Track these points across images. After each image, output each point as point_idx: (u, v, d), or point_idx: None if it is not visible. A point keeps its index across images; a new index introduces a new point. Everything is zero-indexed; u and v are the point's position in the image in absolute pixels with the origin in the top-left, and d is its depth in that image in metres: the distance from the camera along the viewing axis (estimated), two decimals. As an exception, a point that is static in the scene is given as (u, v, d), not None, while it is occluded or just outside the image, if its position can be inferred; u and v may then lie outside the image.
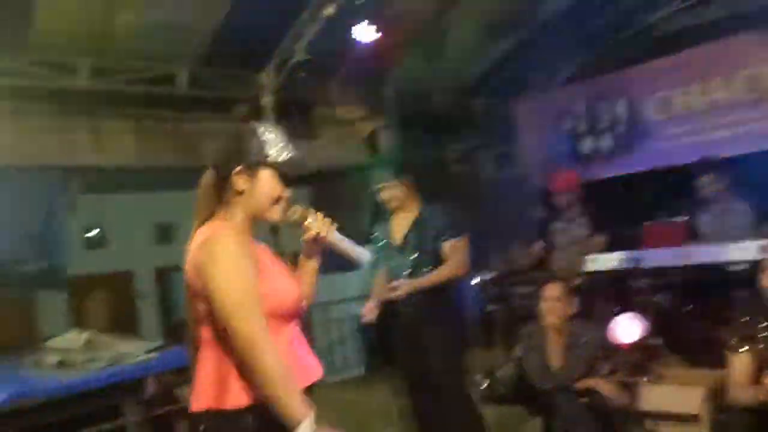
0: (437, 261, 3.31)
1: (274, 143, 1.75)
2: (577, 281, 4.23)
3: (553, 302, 3.39)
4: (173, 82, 5.11)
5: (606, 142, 6.33)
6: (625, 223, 5.04)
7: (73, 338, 4.06)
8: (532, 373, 3.42)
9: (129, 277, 6.26)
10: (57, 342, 4.07)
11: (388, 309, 3.41)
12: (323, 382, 1.83)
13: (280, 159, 1.73)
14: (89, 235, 6.01)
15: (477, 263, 4.24)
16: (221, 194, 1.75)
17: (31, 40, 4.51)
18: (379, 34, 4.93)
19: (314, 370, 1.80)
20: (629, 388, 3.38)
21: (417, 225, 3.38)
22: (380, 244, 3.52)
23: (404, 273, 3.33)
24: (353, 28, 4.90)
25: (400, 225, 3.44)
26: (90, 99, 4.95)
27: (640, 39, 6.18)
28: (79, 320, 5.71)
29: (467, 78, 6.93)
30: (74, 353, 3.90)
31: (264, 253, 1.80)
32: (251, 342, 1.56)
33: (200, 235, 1.69)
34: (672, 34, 6.00)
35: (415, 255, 3.33)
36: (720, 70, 5.49)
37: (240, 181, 1.71)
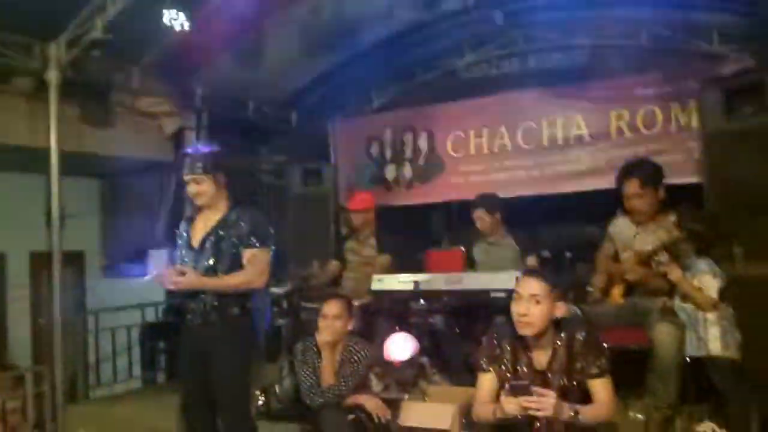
0: (235, 267, 3.09)
1: None
2: (365, 300, 4.37)
3: (331, 320, 3.44)
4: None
5: (407, 170, 6.65)
6: (414, 248, 5.39)
7: None
8: (303, 389, 3.43)
9: None
10: None
11: (175, 314, 3.13)
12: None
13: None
14: None
15: (276, 276, 4.17)
16: None
17: None
18: (191, 27, 4.59)
19: None
20: (394, 404, 3.48)
21: (220, 227, 3.14)
22: (181, 242, 3.25)
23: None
24: (164, 12, 4.52)
25: (203, 225, 3.19)
26: None
27: (446, 80, 6.65)
28: None
29: (284, 91, 6.85)
30: None
31: None
32: None
33: None
34: (474, 80, 6.53)
35: (212, 259, 3.09)
36: (507, 119, 6.03)
37: None
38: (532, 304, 2.43)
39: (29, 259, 6.38)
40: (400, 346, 3.84)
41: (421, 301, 4.06)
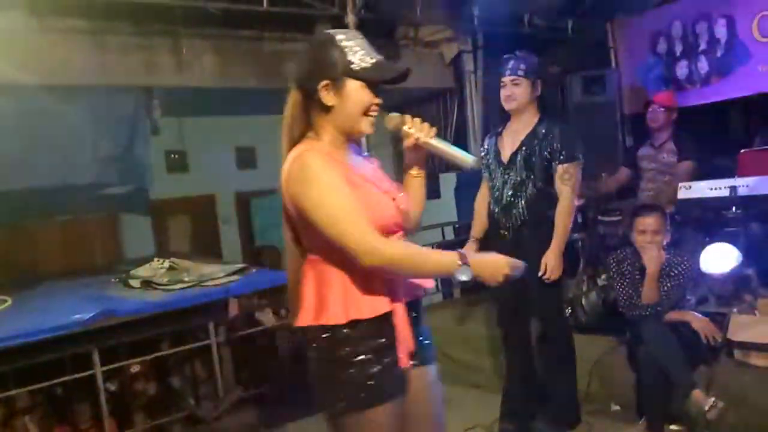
0: (547, 182, 3.08)
1: (357, 50, 1.64)
2: (669, 209, 4.00)
3: (651, 235, 3.23)
4: (255, -1, 4.91)
5: (702, 65, 5.86)
6: (718, 151, 4.76)
7: (156, 266, 4.12)
8: (620, 301, 3.31)
9: (210, 201, 6.30)
10: (141, 270, 4.15)
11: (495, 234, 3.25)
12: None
13: (364, 66, 1.62)
14: (171, 158, 6.05)
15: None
16: (309, 113, 1.68)
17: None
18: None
19: (421, 283, 1.77)
20: (719, 320, 3.25)
21: (529, 140, 3.11)
22: (489, 158, 3.29)
23: (508, 193, 3.14)
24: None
25: (511, 139, 3.18)
26: (170, 17, 4.84)
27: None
28: (162, 243, 5.85)
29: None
30: (158, 276, 3.96)
31: (361, 168, 1.73)
32: (364, 251, 1.55)
33: (290, 157, 1.68)
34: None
35: (523, 173, 3.10)
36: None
37: (327, 97, 1.64)
38: None
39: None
40: (718, 258, 3.57)
41: (733, 208, 3.70)
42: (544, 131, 3.09)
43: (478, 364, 4.18)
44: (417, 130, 1.78)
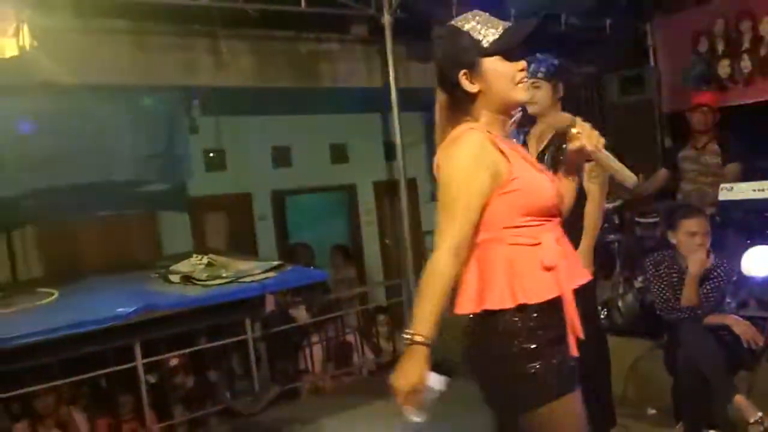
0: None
1: (481, 28, 1.64)
2: (710, 211, 3.96)
3: (700, 237, 3.17)
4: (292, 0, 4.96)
5: (745, 64, 5.77)
6: (761, 152, 4.64)
7: (195, 262, 4.21)
8: (658, 303, 3.24)
9: (247, 199, 6.39)
10: (180, 266, 4.24)
11: None
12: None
13: (494, 39, 1.62)
14: (209, 157, 6.14)
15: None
16: (459, 106, 1.67)
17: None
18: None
19: (581, 272, 1.74)
20: (760, 324, 3.18)
21: (558, 139, 3.04)
22: None
23: None
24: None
25: (536, 140, 3.14)
26: (209, 18, 4.92)
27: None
28: (199, 240, 5.95)
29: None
30: (197, 272, 4.04)
31: (518, 148, 1.73)
32: (437, 247, 1.53)
33: (450, 135, 1.66)
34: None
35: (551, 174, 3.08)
36: None
37: (470, 85, 1.64)
38: None
39: (373, 188, 7.15)
40: (760, 261, 3.49)
41: None
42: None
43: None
44: (585, 136, 1.71)
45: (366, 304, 5.98)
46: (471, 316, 1.63)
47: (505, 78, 1.64)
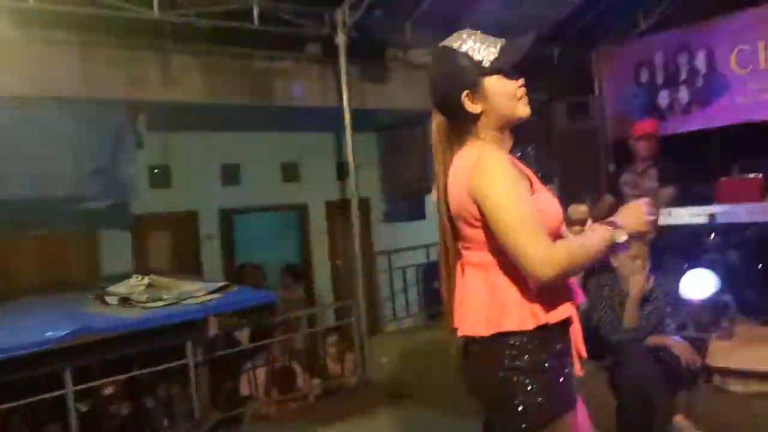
0: None
1: (478, 47, 1.62)
2: (650, 235, 4.06)
3: (641, 260, 3.28)
4: (245, 16, 4.89)
5: (683, 95, 6.09)
6: (698, 178, 4.89)
7: (135, 283, 4.05)
8: (602, 326, 3.31)
9: (193, 218, 6.23)
10: (118, 287, 4.08)
11: None
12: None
13: (493, 58, 1.61)
14: (154, 173, 5.97)
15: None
16: (461, 127, 1.65)
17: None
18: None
19: (579, 291, 1.76)
20: (698, 344, 3.30)
21: None
22: None
23: None
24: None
25: None
26: (159, 32, 4.82)
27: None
28: (141, 260, 5.75)
29: (546, 25, 6.51)
30: (137, 293, 3.88)
31: (522, 166, 1.70)
32: (541, 261, 1.48)
33: (462, 160, 1.63)
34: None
35: None
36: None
37: (473, 105, 1.62)
38: None
39: (325, 207, 7.09)
40: (697, 284, 3.63)
41: (712, 235, 3.82)
42: (519, 154, 3.12)
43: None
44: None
45: (315, 326, 5.88)
46: (479, 336, 1.63)
47: (506, 95, 1.65)
